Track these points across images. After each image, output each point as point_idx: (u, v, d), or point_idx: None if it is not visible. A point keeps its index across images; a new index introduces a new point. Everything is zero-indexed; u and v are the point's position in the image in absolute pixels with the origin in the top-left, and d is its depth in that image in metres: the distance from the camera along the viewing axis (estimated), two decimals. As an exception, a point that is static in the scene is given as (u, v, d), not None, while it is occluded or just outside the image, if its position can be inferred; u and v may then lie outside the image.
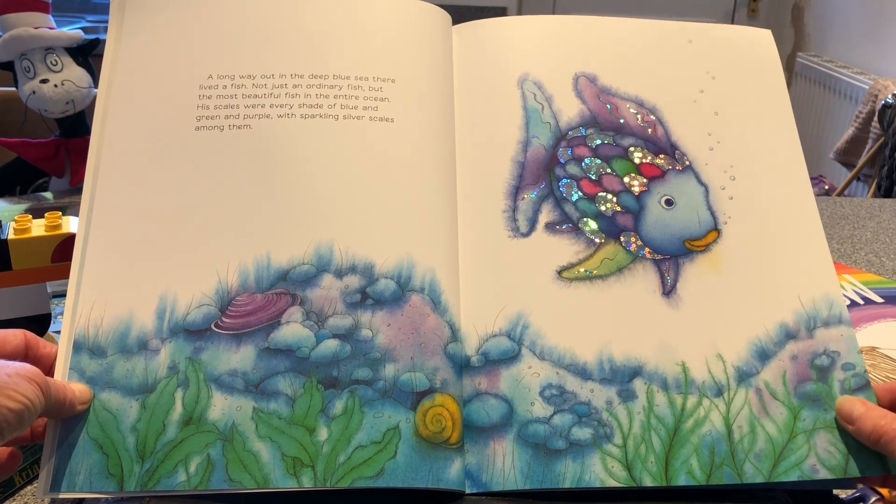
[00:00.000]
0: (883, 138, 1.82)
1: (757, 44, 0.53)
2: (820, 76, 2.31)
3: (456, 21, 0.53)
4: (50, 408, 0.36)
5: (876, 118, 1.85)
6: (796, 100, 2.40)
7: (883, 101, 1.81)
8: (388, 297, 0.43)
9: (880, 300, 0.73)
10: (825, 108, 2.29)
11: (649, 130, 0.49)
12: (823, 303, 0.45)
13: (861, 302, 0.73)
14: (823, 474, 0.41)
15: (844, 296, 0.73)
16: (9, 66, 0.93)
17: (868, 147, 1.91)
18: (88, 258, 0.43)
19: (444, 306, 0.43)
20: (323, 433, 0.40)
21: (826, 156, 2.14)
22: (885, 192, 1.74)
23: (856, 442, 0.41)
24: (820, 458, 0.41)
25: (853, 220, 0.97)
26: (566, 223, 0.46)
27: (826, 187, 2.10)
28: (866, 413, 0.40)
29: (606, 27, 0.52)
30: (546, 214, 0.46)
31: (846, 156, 2.01)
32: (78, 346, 0.41)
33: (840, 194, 1.94)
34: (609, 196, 0.47)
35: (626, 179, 0.48)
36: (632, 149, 0.49)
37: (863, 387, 0.43)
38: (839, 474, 0.41)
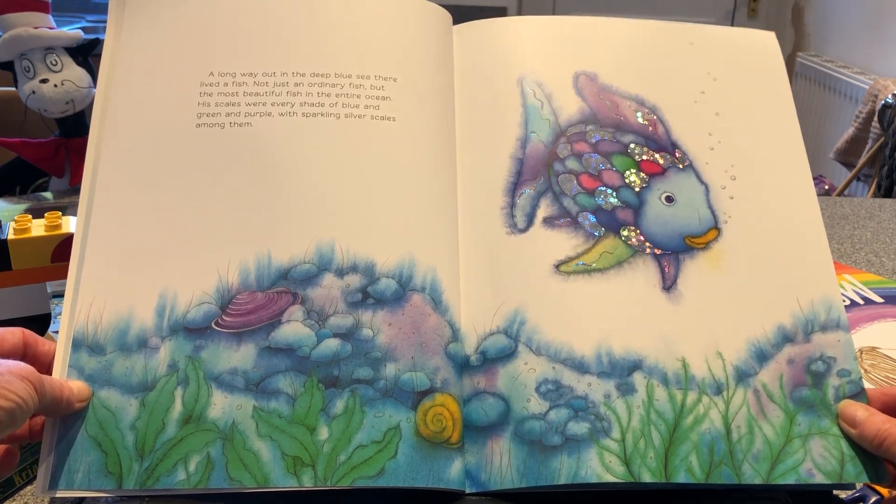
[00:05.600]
0: (883, 138, 1.82)
1: (760, 45, 0.53)
2: (820, 76, 2.31)
3: (456, 21, 0.53)
4: (46, 406, 0.36)
5: (876, 118, 1.85)
6: (796, 100, 2.39)
7: (883, 101, 1.81)
8: (389, 297, 0.43)
9: (880, 300, 0.73)
10: (825, 108, 2.29)
11: (650, 128, 0.49)
12: (822, 306, 0.45)
13: (861, 302, 0.73)
14: (820, 478, 0.41)
15: (844, 296, 0.73)
16: (9, 66, 0.93)
17: (868, 147, 1.91)
18: (88, 254, 0.43)
19: (445, 306, 0.43)
20: (323, 432, 0.40)
21: (826, 156, 2.14)
22: (885, 192, 1.74)
23: (851, 448, 0.41)
24: (816, 462, 0.41)
25: (853, 220, 0.97)
26: (564, 217, 0.46)
27: (826, 187, 2.09)
28: (870, 418, 0.41)
29: (607, 28, 0.52)
30: (544, 209, 0.46)
31: (846, 156, 2.01)
32: (77, 344, 0.41)
33: (840, 194, 1.94)
34: (608, 191, 0.47)
35: (626, 175, 0.47)
36: (632, 146, 0.48)
37: (857, 394, 0.43)
38: (835, 479, 0.41)
